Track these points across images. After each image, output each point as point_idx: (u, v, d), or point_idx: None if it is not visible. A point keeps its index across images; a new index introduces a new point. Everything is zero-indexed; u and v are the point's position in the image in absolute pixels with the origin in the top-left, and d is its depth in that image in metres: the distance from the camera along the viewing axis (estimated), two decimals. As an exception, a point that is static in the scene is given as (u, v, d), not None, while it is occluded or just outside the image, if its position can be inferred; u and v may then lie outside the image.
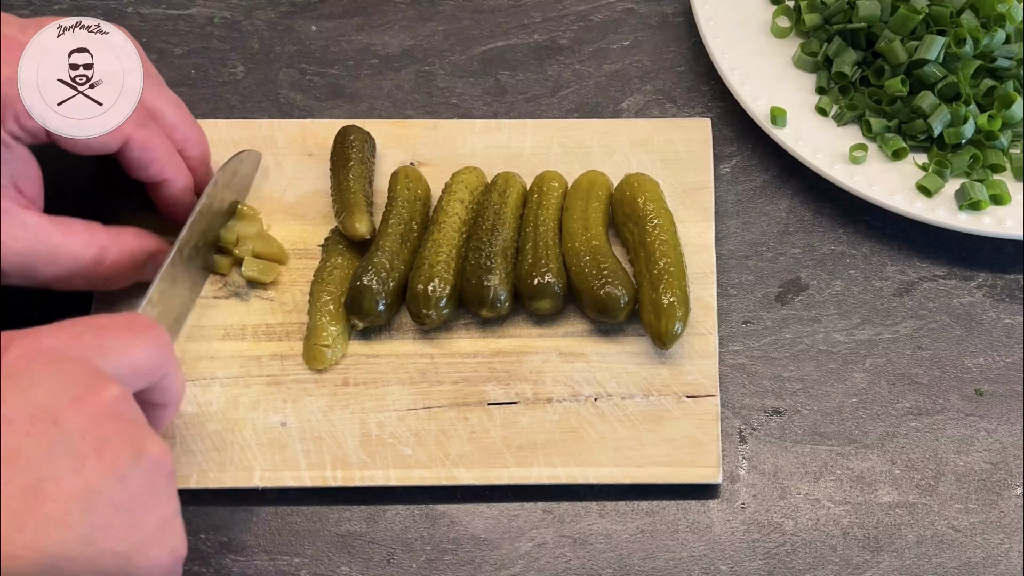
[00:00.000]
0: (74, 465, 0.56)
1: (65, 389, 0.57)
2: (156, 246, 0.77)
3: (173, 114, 0.77)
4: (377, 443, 0.76)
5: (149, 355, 0.63)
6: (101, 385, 0.59)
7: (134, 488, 0.58)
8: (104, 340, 0.61)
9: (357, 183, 0.81)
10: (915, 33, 0.85)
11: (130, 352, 0.62)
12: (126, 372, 0.61)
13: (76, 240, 0.73)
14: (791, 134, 0.84)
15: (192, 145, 0.78)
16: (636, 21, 0.93)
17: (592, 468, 0.75)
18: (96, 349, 0.60)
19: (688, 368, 0.78)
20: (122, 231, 0.76)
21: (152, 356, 0.63)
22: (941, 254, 0.84)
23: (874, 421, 0.78)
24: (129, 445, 0.58)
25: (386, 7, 0.94)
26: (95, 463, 0.56)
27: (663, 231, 0.79)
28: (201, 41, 0.93)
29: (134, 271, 0.76)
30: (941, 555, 0.74)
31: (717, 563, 0.74)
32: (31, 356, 0.58)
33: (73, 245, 0.73)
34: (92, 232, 0.74)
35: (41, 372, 0.58)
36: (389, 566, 0.74)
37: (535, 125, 0.87)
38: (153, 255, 0.77)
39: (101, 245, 0.74)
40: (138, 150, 0.74)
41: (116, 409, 0.59)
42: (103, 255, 0.74)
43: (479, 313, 0.78)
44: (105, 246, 0.74)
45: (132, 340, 0.62)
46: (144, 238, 0.77)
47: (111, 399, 0.58)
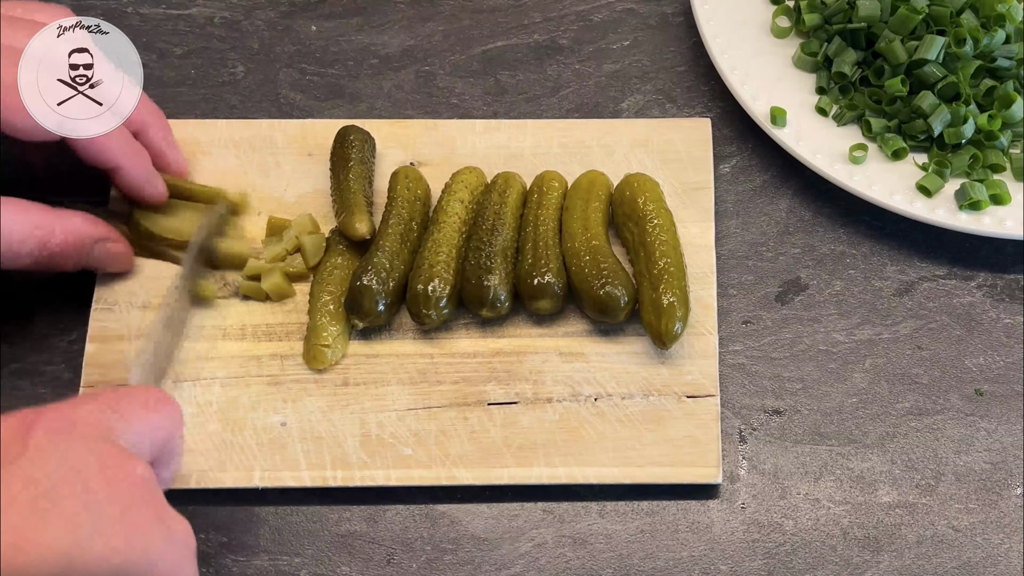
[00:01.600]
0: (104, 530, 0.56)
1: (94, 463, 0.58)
2: (104, 233, 0.77)
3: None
4: (377, 443, 0.76)
5: (166, 431, 0.64)
6: (129, 463, 0.59)
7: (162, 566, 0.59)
8: (125, 416, 0.62)
9: (357, 183, 0.81)
10: (915, 33, 0.85)
11: (150, 428, 0.63)
12: (145, 448, 0.62)
13: (23, 220, 0.73)
14: (791, 134, 0.84)
15: (151, 126, 0.79)
16: (636, 21, 0.93)
17: (592, 468, 0.75)
18: (119, 427, 0.61)
19: (688, 368, 0.78)
20: (70, 214, 0.76)
21: (168, 432, 0.64)
22: (941, 254, 0.84)
23: (874, 421, 0.78)
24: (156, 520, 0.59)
25: (386, 7, 0.94)
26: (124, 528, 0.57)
27: (663, 231, 0.79)
28: (201, 41, 0.93)
29: (80, 255, 0.76)
30: (941, 555, 0.74)
31: (717, 563, 0.74)
32: (58, 431, 0.58)
33: (20, 226, 0.73)
34: (39, 213, 0.74)
35: (69, 447, 0.58)
36: (389, 566, 0.74)
37: (535, 125, 0.87)
38: (100, 241, 0.77)
39: (47, 227, 0.74)
40: (86, 139, 0.73)
41: (142, 487, 0.59)
42: (49, 237, 0.74)
43: (479, 313, 0.78)
44: (51, 228, 0.74)
45: (152, 416, 0.63)
46: (92, 224, 0.77)
47: (138, 478, 0.59)
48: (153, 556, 0.58)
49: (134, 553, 0.57)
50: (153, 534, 0.59)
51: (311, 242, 0.80)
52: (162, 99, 0.80)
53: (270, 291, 0.79)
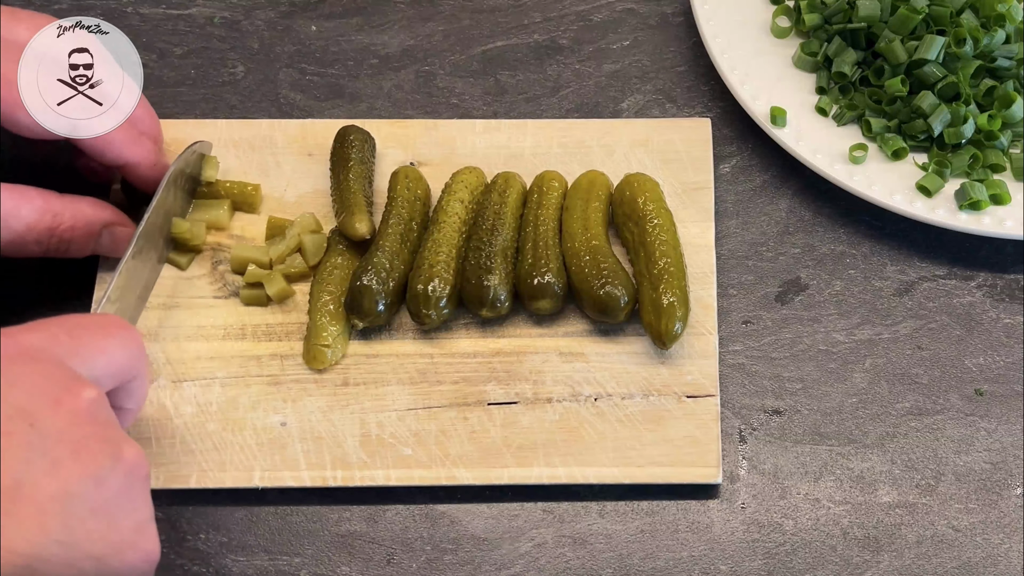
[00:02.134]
0: (51, 467, 0.56)
1: (42, 391, 0.57)
2: (112, 217, 0.77)
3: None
4: (377, 443, 0.76)
5: (123, 357, 0.63)
6: (78, 387, 0.59)
7: (110, 491, 0.58)
8: (79, 341, 0.61)
9: (357, 183, 0.81)
10: (915, 33, 0.85)
11: (105, 353, 0.62)
12: (100, 373, 0.61)
13: (29, 207, 0.73)
14: (791, 134, 0.84)
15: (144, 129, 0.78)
16: (636, 21, 0.93)
17: (592, 468, 0.75)
18: (71, 350, 0.60)
19: (688, 368, 0.78)
20: (78, 200, 0.76)
21: (126, 358, 0.63)
22: (941, 254, 0.84)
23: (874, 421, 0.78)
24: (106, 448, 0.58)
25: (386, 7, 0.94)
26: (72, 466, 0.56)
27: (663, 231, 0.79)
28: (201, 41, 0.93)
29: (89, 241, 0.76)
30: (941, 555, 0.74)
31: (717, 563, 0.74)
32: (9, 356, 0.58)
33: (26, 212, 0.73)
34: (46, 199, 0.74)
35: (18, 372, 0.57)
36: (389, 566, 0.74)
37: (535, 125, 0.87)
38: (109, 225, 0.77)
39: (55, 212, 0.74)
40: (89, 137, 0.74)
41: (92, 412, 0.58)
42: (57, 222, 0.74)
43: (479, 313, 0.78)
44: (59, 213, 0.74)
45: (107, 341, 0.62)
46: (100, 208, 0.77)
47: (88, 402, 0.58)
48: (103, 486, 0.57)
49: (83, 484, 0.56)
50: (103, 462, 0.57)
51: (312, 241, 0.80)
52: (162, 99, 0.80)
53: (274, 296, 0.79)
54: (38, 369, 0.58)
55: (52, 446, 0.56)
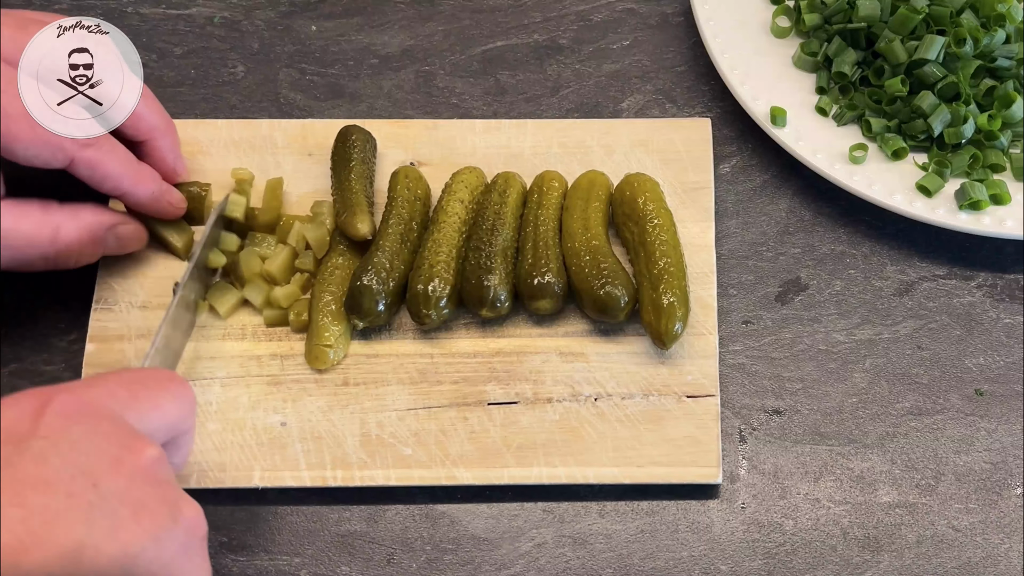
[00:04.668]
0: (112, 530, 0.56)
1: (104, 450, 0.57)
2: (115, 219, 0.77)
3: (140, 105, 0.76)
4: (377, 443, 0.76)
5: (176, 412, 0.63)
6: (139, 446, 0.59)
7: (169, 552, 0.58)
8: (136, 396, 0.61)
9: (359, 183, 0.81)
10: (915, 33, 0.85)
11: (160, 408, 0.62)
12: (154, 428, 0.61)
13: (28, 222, 0.73)
14: (791, 134, 0.84)
15: (159, 135, 0.78)
16: (636, 21, 0.93)
17: (592, 468, 0.75)
18: (130, 406, 0.60)
19: (688, 368, 0.78)
20: (79, 208, 0.75)
21: (178, 414, 0.63)
22: (941, 254, 0.84)
23: (874, 421, 0.78)
24: (166, 508, 0.58)
25: (386, 7, 0.94)
26: (133, 527, 0.56)
27: (663, 231, 0.79)
28: (201, 41, 0.93)
29: (95, 247, 0.76)
30: (941, 555, 0.74)
31: (717, 563, 0.74)
32: (69, 414, 0.58)
33: (26, 227, 0.72)
34: (46, 212, 0.74)
35: (79, 432, 0.57)
36: (389, 566, 0.74)
37: (535, 125, 0.87)
38: (113, 227, 0.77)
39: (55, 224, 0.74)
40: (86, 169, 0.73)
41: (153, 471, 0.59)
42: (57, 234, 0.74)
43: (479, 313, 0.78)
44: (59, 225, 0.74)
45: (163, 397, 0.62)
46: (101, 213, 0.76)
47: (149, 461, 0.59)
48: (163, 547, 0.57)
49: (143, 546, 0.56)
50: (163, 523, 0.58)
51: (315, 239, 0.80)
52: (162, 99, 0.80)
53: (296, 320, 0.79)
54: (100, 428, 0.58)
55: (114, 508, 0.56)
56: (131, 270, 0.81)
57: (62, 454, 0.56)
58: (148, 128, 0.77)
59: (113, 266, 0.81)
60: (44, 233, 0.73)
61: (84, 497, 0.55)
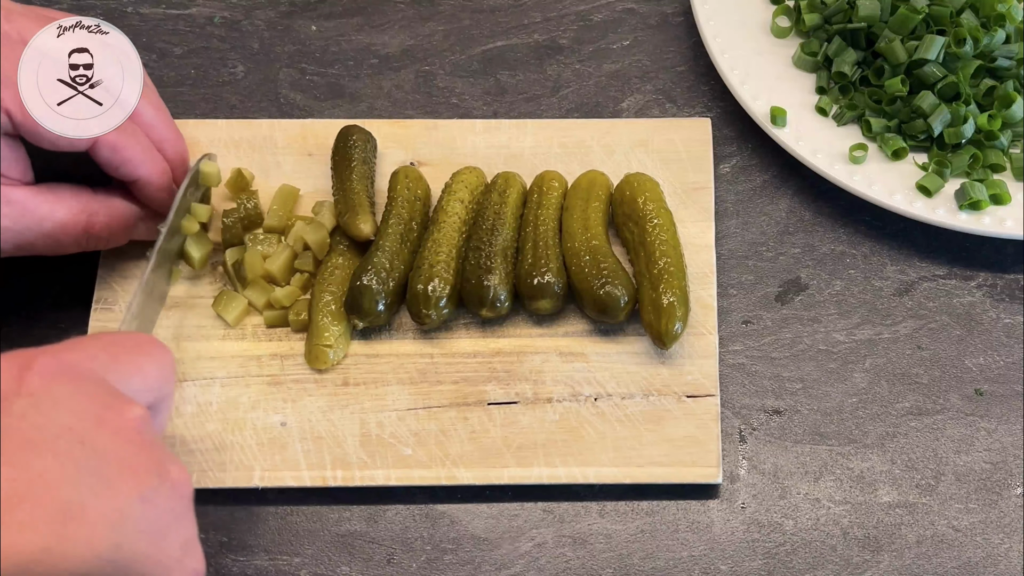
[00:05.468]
0: (101, 487, 0.55)
1: (88, 409, 0.57)
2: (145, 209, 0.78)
3: (152, 115, 0.77)
4: (377, 443, 0.76)
5: (156, 375, 0.63)
6: (123, 405, 0.59)
7: (157, 510, 0.58)
8: (118, 359, 0.61)
9: (360, 183, 0.81)
10: (915, 33, 0.85)
11: (140, 371, 0.62)
12: (137, 392, 0.61)
13: (64, 209, 0.74)
14: (791, 134, 0.84)
15: (168, 147, 0.79)
16: (636, 21, 0.93)
17: (592, 468, 0.75)
18: (111, 368, 0.60)
19: (688, 368, 0.78)
20: (111, 194, 0.76)
21: (159, 377, 0.63)
22: (941, 254, 0.84)
23: (874, 421, 0.78)
24: (153, 467, 0.58)
25: (386, 7, 0.94)
26: (121, 485, 0.56)
27: (663, 231, 0.79)
28: (201, 41, 0.93)
29: (125, 233, 0.77)
30: (941, 555, 0.74)
31: (717, 563, 0.74)
32: (51, 375, 0.57)
33: (61, 214, 0.74)
34: (80, 199, 0.75)
35: (62, 392, 0.57)
36: (389, 566, 0.74)
37: (535, 125, 0.87)
38: (144, 217, 0.78)
39: (90, 211, 0.75)
40: (108, 151, 0.74)
41: (138, 430, 0.58)
42: (92, 220, 0.75)
43: (479, 313, 0.78)
44: (95, 212, 0.75)
45: (143, 360, 0.62)
46: (133, 201, 0.77)
47: (134, 419, 0.58)
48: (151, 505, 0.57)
49: (132, 505, 0.56)
50: (150, 481, 0.57)
51: (315, 240, 0.80)
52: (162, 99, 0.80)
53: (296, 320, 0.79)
54: (81, 388, 0.58)
55: (102, 465, 0.56)
56: (131, 270, 0.81)
57: (45, 413, 0.56)
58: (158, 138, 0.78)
59: (113, 266, 0.81)
60: (80, 220, 0.74)
61: (71, 455, 0.55)
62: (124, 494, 0.56)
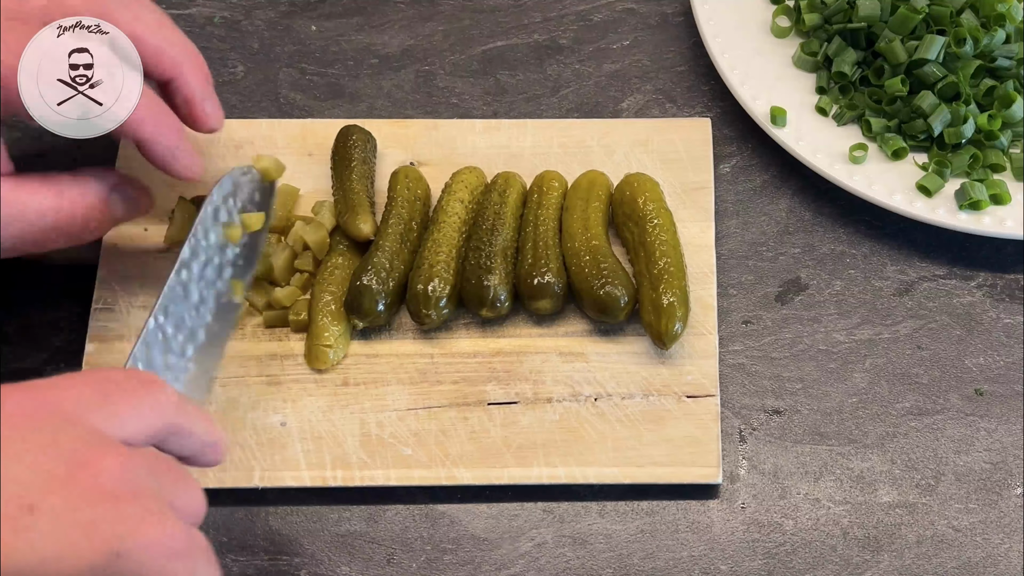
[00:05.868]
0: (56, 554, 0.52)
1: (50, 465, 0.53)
2: (119, 179, 0.74)
3: (158, 38, 0.72)
4: (377, 443, 0.76)
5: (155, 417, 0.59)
6: (97, 456, 0.54)
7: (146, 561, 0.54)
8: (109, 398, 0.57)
9: (360, 183, 0.81)
10: (915, 33, 0.85)
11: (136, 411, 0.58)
12: (130, 432, 0.58)
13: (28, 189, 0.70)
14: (791, 134, 0.84)
15: (187, 70, 0.73)
16: (636, 21, 0.93)
17: (592, 468, 0.75)
18: (100, 407, 0.57)
19: (688, 368, 0.78)
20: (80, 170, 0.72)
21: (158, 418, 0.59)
22: (941, 254, 0.84)
23: (874, 421, 0.78)
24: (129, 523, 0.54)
25: (386, 7, 0.94)
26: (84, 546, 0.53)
27: (663, 231, 0.79)
28: (201, 41, 0.92)
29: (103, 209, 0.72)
30: (941, 555, 0.74)
31: (717, 563, 0.74)
32: (18, 421, 0.54)
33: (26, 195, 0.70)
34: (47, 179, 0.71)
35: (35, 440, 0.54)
36: (389, 566, 0.74)
37: (535, 125, 0.87)
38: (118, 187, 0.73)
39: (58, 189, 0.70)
40: None
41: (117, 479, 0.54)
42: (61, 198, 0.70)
43: (479, 313, 0.78)
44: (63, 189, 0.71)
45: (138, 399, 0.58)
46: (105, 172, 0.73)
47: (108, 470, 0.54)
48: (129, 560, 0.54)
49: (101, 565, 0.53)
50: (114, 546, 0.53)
51: (315, 240, 0.80)
52: (162, 99, 0.80)
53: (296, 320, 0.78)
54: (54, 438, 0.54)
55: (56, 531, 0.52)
56: (131, 270, 0.81)
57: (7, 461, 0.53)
58: (172, 63, 0.73)
59: (113, 266, 0.81)
60: (47, 198, 0.70)
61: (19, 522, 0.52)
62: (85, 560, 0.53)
